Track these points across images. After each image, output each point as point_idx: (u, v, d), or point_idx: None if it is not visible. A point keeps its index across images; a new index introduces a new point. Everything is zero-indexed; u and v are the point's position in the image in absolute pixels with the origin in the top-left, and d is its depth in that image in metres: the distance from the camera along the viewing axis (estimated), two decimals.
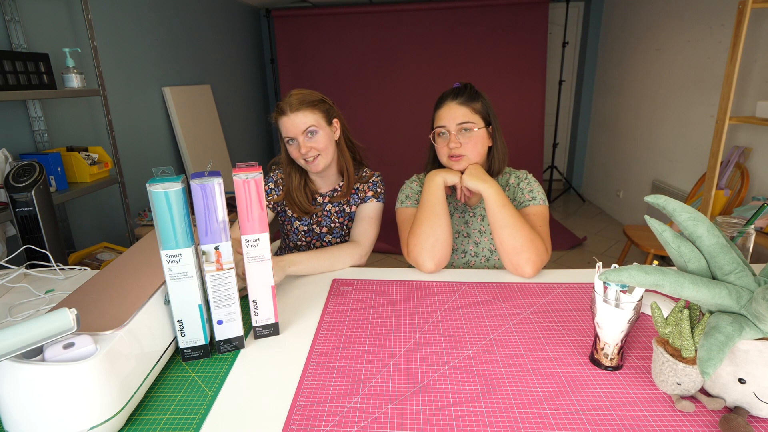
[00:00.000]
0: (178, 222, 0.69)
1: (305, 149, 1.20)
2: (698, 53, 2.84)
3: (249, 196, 0.75)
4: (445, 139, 1.14)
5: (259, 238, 0.78)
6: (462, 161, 1.13)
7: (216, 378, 0.74)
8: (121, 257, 0.90)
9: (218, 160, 3.50)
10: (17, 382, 0.55)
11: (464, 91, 1.14)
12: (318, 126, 1.20)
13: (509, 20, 4.22)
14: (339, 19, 4.42)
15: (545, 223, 1.13)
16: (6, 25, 1.85)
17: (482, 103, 1.15)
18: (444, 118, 1.14)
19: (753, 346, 0.60)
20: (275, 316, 0.85)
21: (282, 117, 1.20)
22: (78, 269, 1.15)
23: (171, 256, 0.70)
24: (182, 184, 0.70)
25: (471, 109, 1.13)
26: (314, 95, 1.23)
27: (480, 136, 1.13)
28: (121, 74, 2.54)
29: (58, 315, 0.57)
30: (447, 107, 1.14)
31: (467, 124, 1.12)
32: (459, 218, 1.24)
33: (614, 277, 0.66)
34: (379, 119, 4.53)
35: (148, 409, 0.68)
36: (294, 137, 1.20)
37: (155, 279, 0.79)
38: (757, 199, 2.24)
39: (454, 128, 1.12)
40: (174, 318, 0.74)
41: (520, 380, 0.71)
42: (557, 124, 4.55)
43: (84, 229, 2.26)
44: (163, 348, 0.75)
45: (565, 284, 1.03)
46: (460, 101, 1.13)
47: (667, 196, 0.69)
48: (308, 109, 1.19)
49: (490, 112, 1.17)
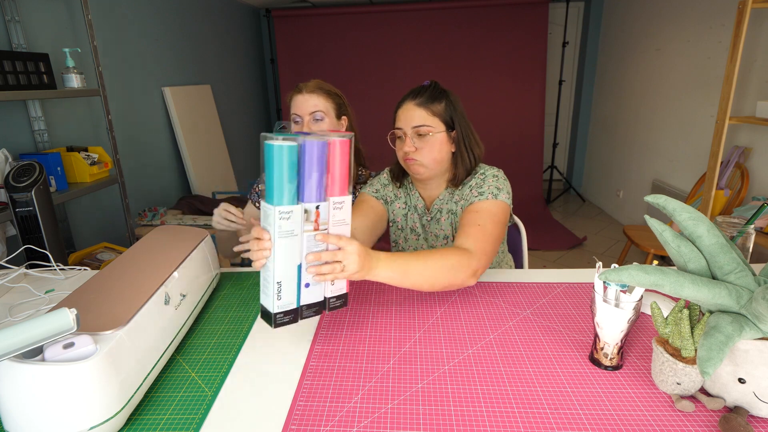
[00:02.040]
0: (291, 178, 0.69)
1: (307, 129, 1.22)
2: (698, 53, 2.84)
3: (338, 158, 0.74)
4: (402, 141, 1.08)
5: (344, 201, 0.76)
6: (415, 165, 1.06)
7: (216, 378, 0.74)
8: (122, 257, 0.90)
9: (218, 160, 3.50)
10: (17, 382, 0.55)
11: (425, 92, 1.06)
12: (326, 113, 1.24)
13: (509, 20, 4.22)
14: (339, 19, 4.42)
15: (489, 220, 0.99)
16: (6, 25, 1.85)
17: (445, 104, 1.06)
18: (401, 119, 1.07)
19: (753, 346, 0.60)
20: (347, 285, 0.82)
21: (297, 95, 1.25)
22: (78, 269, 1.15)
23: (283, 212, 0.69)
24: (296, 142, 0.70)
25: (429, 112, 1.04)
26: (332, 88, 1.30)
27: (436, 141, 1.04)
28: (121, 74, 2.54)
29: (58, 315, 0.57)
30: (404, 108, 1.07)
31: (423, 128, 1.04)
32: (418, 218, 1.20)
33: (614, 277, 0.66)
34: (379, 119, 4.52)
35: (148, 409, 0.68)
36: (301, 116, 1.23)
37: (156, 279, 0.79)
38: (757, 199, 2.24)
39: (410, 131, 1.05)
40: (273, 279, 0.72)
41: (520, 380, 0.71)
42: (557, 124, 4.55)
43: (84, 229, 2.26)
44: (164, 348, 0.75)
45: (565, 284, 1.03)
46: (418, 102, 1.05)
47: (667, 196, 0.69)
48: (322, 95, 1.25)
49: (454, 114, 1.07)
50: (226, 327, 0.90)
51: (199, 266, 0.95)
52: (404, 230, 1.22)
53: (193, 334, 0.88)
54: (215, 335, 0.87)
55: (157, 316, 0.74)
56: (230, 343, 0.85)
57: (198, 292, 0.93)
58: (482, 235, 0.96)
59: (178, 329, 0.81)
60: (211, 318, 0.94)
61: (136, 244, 0.96)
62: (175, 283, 0.83)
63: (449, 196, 1.14)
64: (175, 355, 0.81)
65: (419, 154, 1.05)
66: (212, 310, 0.98)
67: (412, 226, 1.21)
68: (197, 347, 0.84)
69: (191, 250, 0.93)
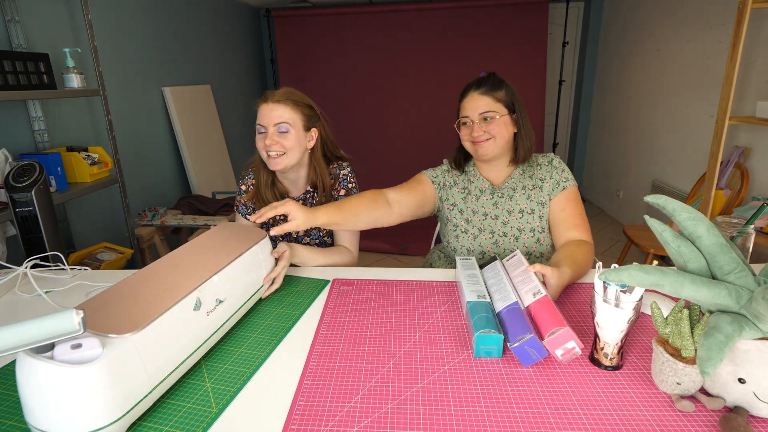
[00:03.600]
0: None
1: (270, 141, 1.17)
2: (698, 53, 2.84)
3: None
4: (468, 128, 1.19)
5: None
6: (487, 144, 1.17)
7: (227, 393, 0.71)
8: (171, 254, 0.85)
9: (218, 160, 3.50)
10: (29, 375, 0.56)
11: (487, 81, 1.18)
12: (292, 125, 1.18)
13: (509, 20, 4.22)
14: (339, 19, 4.42)
15: (579, 204, 1.21)
16: (6, 25, 1.85)
17: (506, 91, 1.18)
18: (467, 108, 1.18)
19: (753, 346, 0.60)
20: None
21: (262, 104, 1.20)
22: (78, 269, 1.15)
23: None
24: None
25: (493, 98, 1.16)
26: (303, 98, 1.23)
27: (503, 122, 1.17)
28: (121, 74, 2.54)
29: (63, 316, 0.55)
30: (470, 97, 1.18)
31: (489, 113, 1.15)
32: (488, 200, 1.25)
33: (614, 277, 0.66)
34: (379, 119, 4.53)
35: (154, 417, 0.66)
36: (265, 126, 1.19)
37: (192, 282, 0.75)
38: (757, 199, 2.24)
39: (477, 118, 1.16)
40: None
41: (520, 380, 0.71)
42: (557, 124, 4.55)
43: (84, 229, 2.26)
44: (184, 356, 0.71)
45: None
46: (483, 91, 1.17)
47: (666, 196, 0.69)
48: (289, 106, 1.19)
49: (514, 99, 1.20)
50: (257, 335, 0.86)
51: (247, 269, 0.90)
52: (464, 213, 1.26)
53: (228, 339, 0.85)
54: (244, 344, 0.83)
55: (180, 323, 0.70)
56: (256, 355, 0.80)
57: (241, 297, 0.87)
58: (584, 221, 1.19)
59: (206, 338, 0.76)
60: (250, 324, 0.90)
61: (191, 241, 0.91)
62: (213, 287, 0.79)
63: (520, 175, 1.25)
64: (201, 360, 0.78)
65: (491, 132, 1.16)
66: (255, 315, 0.94)
67: (474, 209, 1.26)
68: (224, 354, 0.80)
69: (242, 252, 0.89)
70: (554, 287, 0.92)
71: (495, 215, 1.24)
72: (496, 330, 0.76)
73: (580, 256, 1.06)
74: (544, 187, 1.22)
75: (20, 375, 0.56)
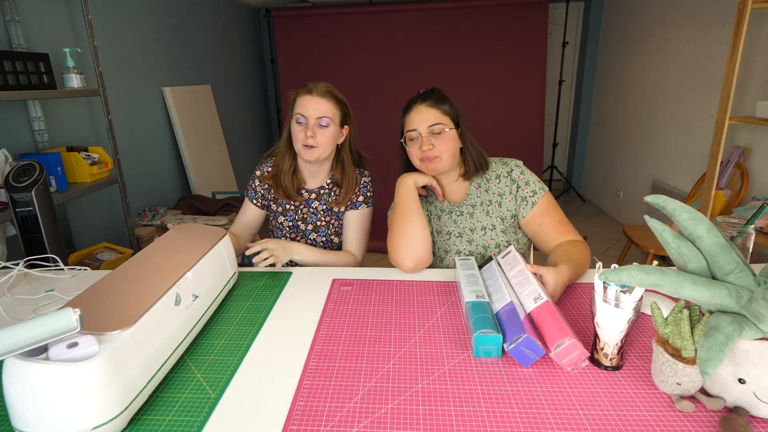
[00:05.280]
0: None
1: (311, 133, 1.21)
2: (698, 53, 2.84)
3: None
4: (417, 142, 1.15)
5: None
6: (435, 162, 1.14)
7: (220, 381, 0.74)
8: (137, 255, 0.88)
9: (218, 160, 3.50)
10: (21, 379, 0.55)
11: (432, 95, 1.16)
12: (332, 120, 1.24)
13: (509, 20, 4.22)
14: (339, 19, 4.42)
15: (557, 210, 1.16)
16: (6, 25, 1.85)
17: (450, 105, 1.16)
18: (414, 121, 1.14)
19: (753, 346, 0.60)
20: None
21: (305, 95, 1.23)
22: (78, 269, 1.15)
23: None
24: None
25: (441, 111, 1.14)
26: (341, 94, 1.28)
27: (451, 137, 1.14)
28: (121, 74, 2.54)
29: (61, 315, 0.56)
30: (417, 110, 1.15)
31: (438, 126, 1.13)
32: (448, 219, 1.24)
33: (614, 277, 0.66)
34: (379, 119, 4.53)
35: (152, 409, 0.68)
36: (307, 117, 1.22)
37: (168, 279, 0.78)
38: (757, 199, 2.24)
39: (425, 131, 1.13)
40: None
41: (520, 380, 0.71)
42: (557, 124, 4.55)
43: (84, 229, 2.26)
44: (171, 349, 0.74)
45: None
46: (429, 104, 1.14)
47: (666, 197, 0.69)
48: (332, 101, 1.24)
49: (458, 114, 1.18)
50: (235, 328, 0.90)
51: (214, 266, 0.94)
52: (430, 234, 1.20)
53: (205, 334, 0.87)
54: (224, 336, 0.87)
55: (165, 318, 0.73)
56: (238, 345, 0.84)
57: (212, 292, 0.92)
58: (567, 225, 1.15)
59: (188, 331, 0.80)
60: (223, 318, 0.93)
61: (153, 243, 0.94)
62: (188, 283, 0.82)
63: (476, 190, 1.22)
64: (184, 355, 0.80)
65: (437, 151, 1.13)
66: (225, 309, 0.97)
67: (437, 229, 1.25)
68: (206, 347, 0.83)
69: (207, 250, 0.92)
70: (553, 286, 0.92)
71: (458, 233, 1.23)
72: (495, 330, 0.76)
73: (576, 253, 1.05)
74: (503, 203, 1.18)
75: (8, 381, 0.56)
